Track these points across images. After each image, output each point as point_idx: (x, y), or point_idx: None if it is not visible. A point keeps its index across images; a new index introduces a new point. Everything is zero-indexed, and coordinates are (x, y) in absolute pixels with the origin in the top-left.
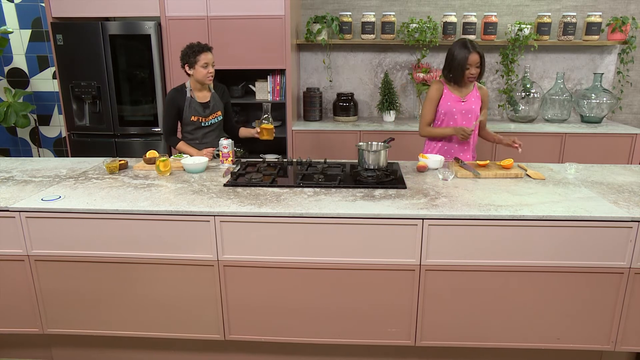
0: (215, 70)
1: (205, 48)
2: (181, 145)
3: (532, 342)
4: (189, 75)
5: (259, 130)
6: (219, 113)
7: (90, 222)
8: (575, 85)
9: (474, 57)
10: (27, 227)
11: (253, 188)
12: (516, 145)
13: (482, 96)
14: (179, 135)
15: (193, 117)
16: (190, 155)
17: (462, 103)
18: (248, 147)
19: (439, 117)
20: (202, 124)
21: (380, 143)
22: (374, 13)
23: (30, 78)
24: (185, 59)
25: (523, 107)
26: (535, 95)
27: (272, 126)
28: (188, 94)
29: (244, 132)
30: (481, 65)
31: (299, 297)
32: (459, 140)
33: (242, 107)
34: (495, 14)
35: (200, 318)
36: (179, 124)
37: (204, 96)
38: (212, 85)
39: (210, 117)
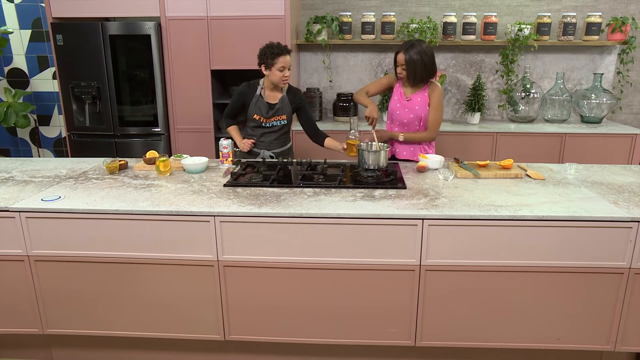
0: (215, 70)
1: (285, 51)
2: (231, 129)
3: (532, 342)
4: (264, 74)
5: (345, 146)
6: (284, 117)
7: (90, 222)
8: (575, 86)
9: (399, 57)
10: (27, 227)
11: (253, 188)
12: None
13: (430, 94)
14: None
15: (256, 115)
16: (235, 142)
17: (406, 102)
18: None
19: (387, 112)
20: (263, 124)
21: (380, 143)
22: (373, 13)
23: (30, 78)
24: (262, 59)
25: (523, 108)
26: (535, 95)
27: (359, 142)
28: (258, 92)
29: (329, 143)
30: (407, 68)
31: (299, 297)
32: (398, 132)
33: None
34: (495, 14)
35: (200, 318)
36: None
37: (274, 97)
38: (285, 88)
39: (272, 119)
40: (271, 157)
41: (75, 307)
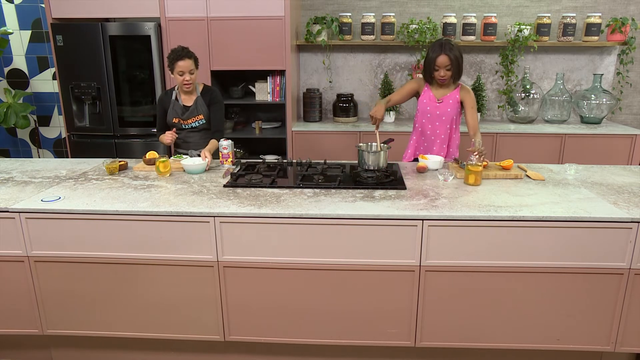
0: (215, 70)
1: (183, 55)
2: (160, 137)
3: (532, 342)
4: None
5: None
6: (201, 117)
7: (90, 223)
8: (574, 86)
9: (442, 59)
10: (27, 227)
11: (253, 189)
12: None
13: (464, 98)
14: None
15: (174, 118)
16: (165, 143)
17: (438, 104)
18: (248, 148)
19: (415, 114)
20: (183, 127)
21: (381, 144)
22: (373, 14)
23: (30, 79)
24: (168, 63)
25: (523, 108)
26: (535, 96)
27: (479, 168)
28: (173, 96)
29: (208, 145)
30: (453, 67)
31: (299, 298)
32: (429, 135)
33: (242, 108)
34: (495, 14)
35: (200, 319)
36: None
37: (189, 99)
38: (200, 89)
39: (189, 121)
40: (199, 156)
41: (75, 307)
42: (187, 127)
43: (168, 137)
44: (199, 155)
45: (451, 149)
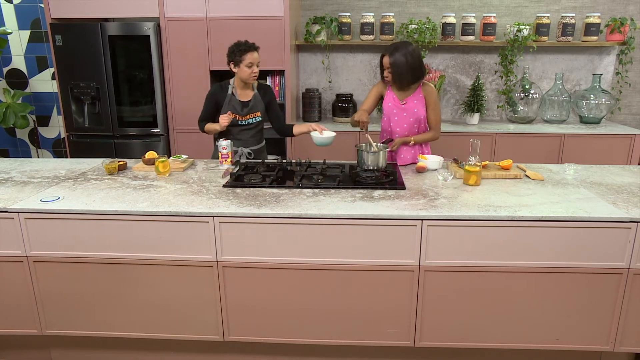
0: (214, 70)
1: (252, 47)
2: (208, 125)
3: (531, 342)
4: (234, 73)
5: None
6: (258, 114)
7: (89, 223)
8: (574, 86)
9: (384, 60)
10: (26, 228)
11: (252, 189)
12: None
13: (426, 95)
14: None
15: (230, 114)
16: (215, 130)
17: (402, 105)
18: None
19: (382, 119)
20: (239, 122)
21: (379, 144)
22: (373, 14)
23: (29, 79)
24: (231, 56)
25: (522, 108)
26: (534, 96)
27: (478, 169)
28: (230, 91)
29: (298, 129)
30: (394, 70)
31: (298, 298)
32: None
33: None
34: (494, 14)
35: (199, 319)
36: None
37: (245, 95)
38: (256, 85)
39: (247, 117)
40: (249, 153)
41: (74, 308)
42: (243, 123)
43: (225, 119)
44: (250, 154)
45: (423, 147)
